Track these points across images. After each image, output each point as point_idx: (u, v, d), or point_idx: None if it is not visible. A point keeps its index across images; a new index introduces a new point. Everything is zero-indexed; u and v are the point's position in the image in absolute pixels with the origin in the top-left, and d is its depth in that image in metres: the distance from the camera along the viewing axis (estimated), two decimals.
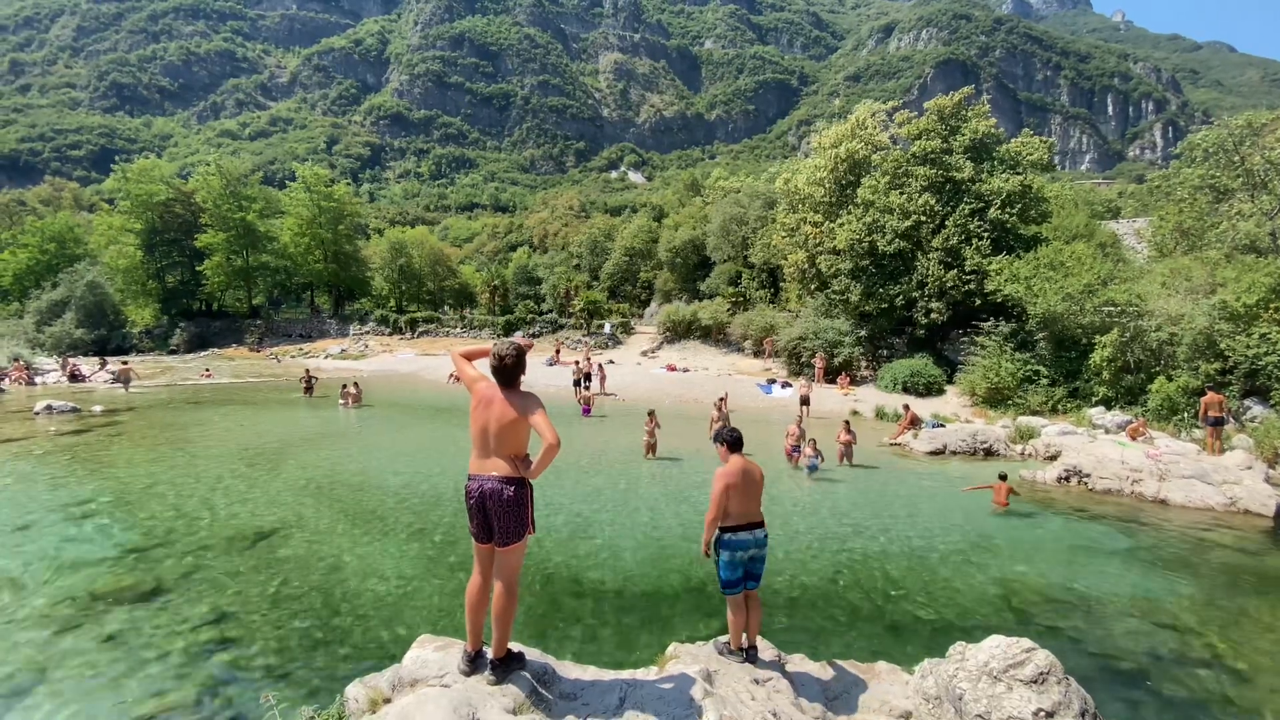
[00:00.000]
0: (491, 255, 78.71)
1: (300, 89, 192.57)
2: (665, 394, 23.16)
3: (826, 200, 28.31)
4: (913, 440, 15.45)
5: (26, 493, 10.49)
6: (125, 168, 47.75)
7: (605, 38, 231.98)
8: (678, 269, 44.69)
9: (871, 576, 7.59)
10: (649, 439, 13.39)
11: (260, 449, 13.95)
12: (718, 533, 4.27)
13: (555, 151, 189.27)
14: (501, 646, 3.34)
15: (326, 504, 9.99)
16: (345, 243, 49.59)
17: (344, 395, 20.64)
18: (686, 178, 68.61)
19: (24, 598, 6.61)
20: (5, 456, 13.05)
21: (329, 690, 4.83)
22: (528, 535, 3.38)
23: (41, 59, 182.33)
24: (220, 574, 7.28)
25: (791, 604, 6.81)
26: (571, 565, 7.66)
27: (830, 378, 24.65)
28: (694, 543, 8.36)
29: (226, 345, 44.22)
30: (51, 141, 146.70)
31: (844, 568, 7.83)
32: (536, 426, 3.28)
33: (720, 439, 4.48)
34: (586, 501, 10.33)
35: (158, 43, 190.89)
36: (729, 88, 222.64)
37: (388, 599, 6.72)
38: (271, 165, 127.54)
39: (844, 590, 7.19)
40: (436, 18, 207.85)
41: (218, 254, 44.89)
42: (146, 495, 10.36)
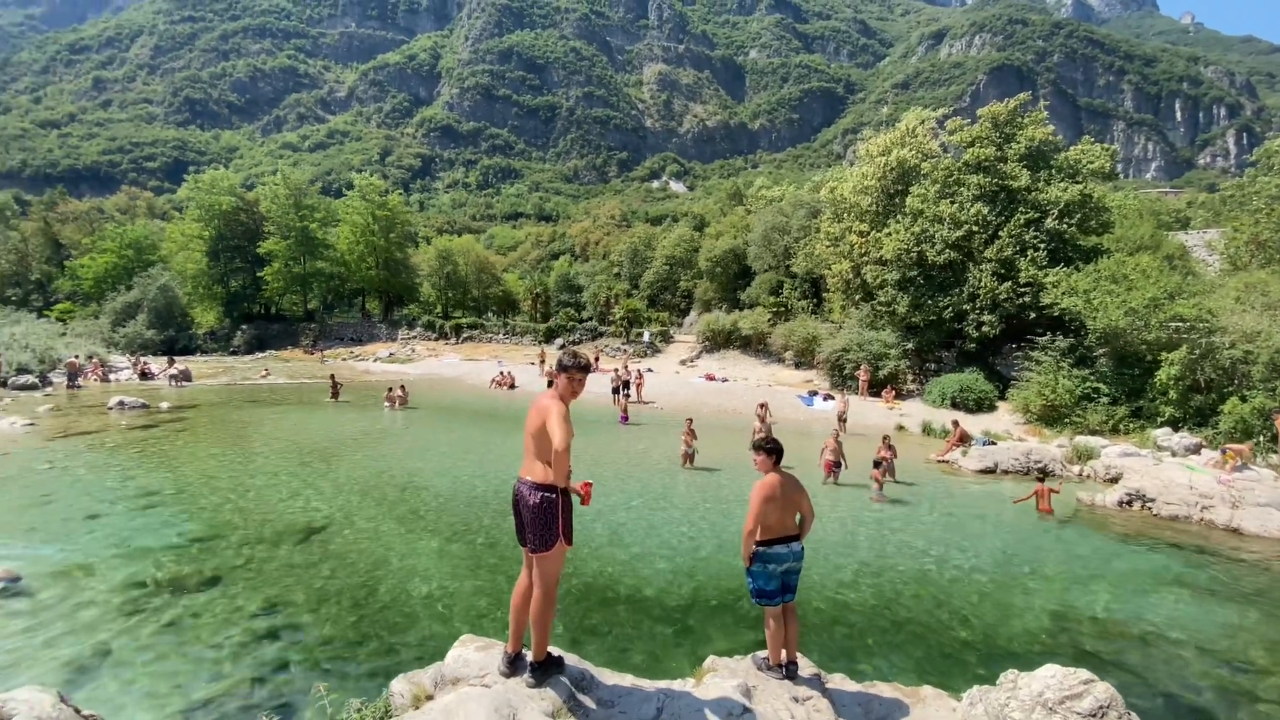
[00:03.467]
0: (534, 264, 79.94)
1: (357, 103, 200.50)
2: (704, 403, 23.02)
3: (873, 209, 27.79)
4: (961, 458, 14.93)
5: (99, 482, 11.15)
6: (196, 178, 50.61)
7: (650, 49, 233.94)
8: (718, 278, 44.49)
9: (915, 597, 7.35)
10: (686, 448, 13.33)
11: (312, 447, 14.48)
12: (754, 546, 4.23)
13: (598, 162, 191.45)
14: (541, 650, 3.37)
15: (373, 502, 10.29)
16: (396, 250, 51.23)
17: (389, 398, 21.25)
18: (729, 187, 68.42)
19: (94, 582, 7.01)
20: (81, 448, 13.92)
21: (374, 683, 4.97)
22: (561, 545, 3.38)
23: (122, 76, 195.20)
24: (273, 566, 7.58)
25: (831, 622, 6.66)
26: (607, 573, 7.67)
27: (875, 391, 24.08)
28: (731, 555, 8.27)
29: (283, 347, 46.13)
30: (129, 153, 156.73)
31: (886, 587, 7.61)
32: (549, 432, 3.26)
33: (761, 447, 4.41)
34: (623, 510, 10.34)
35: (227, 60, 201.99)
36: (773, 97, 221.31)
37: (430, 598, 6.87)
38: (328, 176, 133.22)
39: (886, 610, 6.98)
40: (486, 32, 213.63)
41: (278, 260, 46.97)
42: (207, 488, 10.88)
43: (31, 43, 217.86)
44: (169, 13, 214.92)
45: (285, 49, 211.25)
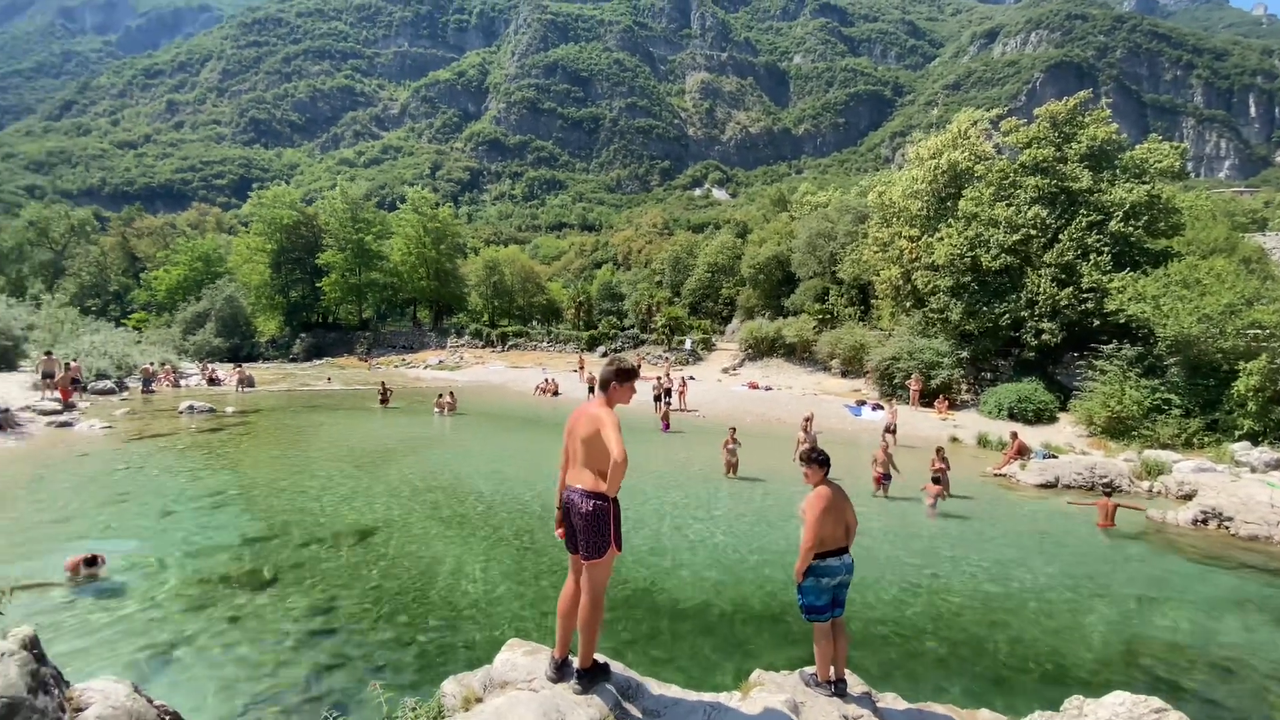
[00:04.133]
0: (577, 272, 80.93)
1: (409, 119, 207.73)
2: (746, 412, 22.78)
3: (924, 213, 27.06)
4: (1020, 471, 14.32)
5: (170, 482, 11.82)
6: (259, 194, 53.36)
7: (693, 58, 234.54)
8: (761, 285, 44.03)
9: (972, 616, 7.07)
10: (729, 457, 13.21)
11: (365, 451, 14.99)
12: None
13: (641, 171, 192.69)
14: (587, 657, 3.39)
15: (423, 506, 10.57)
16: (446, 261, 52.75)
17: (439, 404, 21.82)
18: (772, 193, 67.71)
19: (165, 577, 7.42)
20: (154, 450, 14.78)
21: (423, 682, 5.09)
22: (612, 552, 3.40)
23: (193, 99, 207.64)
24: (329, 566, 7.86)
25: (882, 640, 6.46)
26: (649, 582, 7.66)
27: (926, 401, 23.36)
28: (775, 567, 8.15)
29: (339, 354, 47.98)
30: (199, 172, 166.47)
31: (940, 604, 7.35)
32: (605, 441, 3.29)
33: (811, 459, 4.33)
34: (665, 519, 10.31)
35: (289, 82, 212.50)
36: (818, 101, 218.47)
37: (477, 600, 7.00)
38: (382, 190, 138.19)
39: (941, 628, 6.74)
40: (532, 47, 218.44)
41: (335, 271, 48.98)
42: (268, 490, 11.39)
43: (109, 68, 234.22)
44: (236, 38, 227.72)
45: (343, 69, 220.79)
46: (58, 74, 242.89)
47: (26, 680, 2.35)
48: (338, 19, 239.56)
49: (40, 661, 2.57)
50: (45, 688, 2.46)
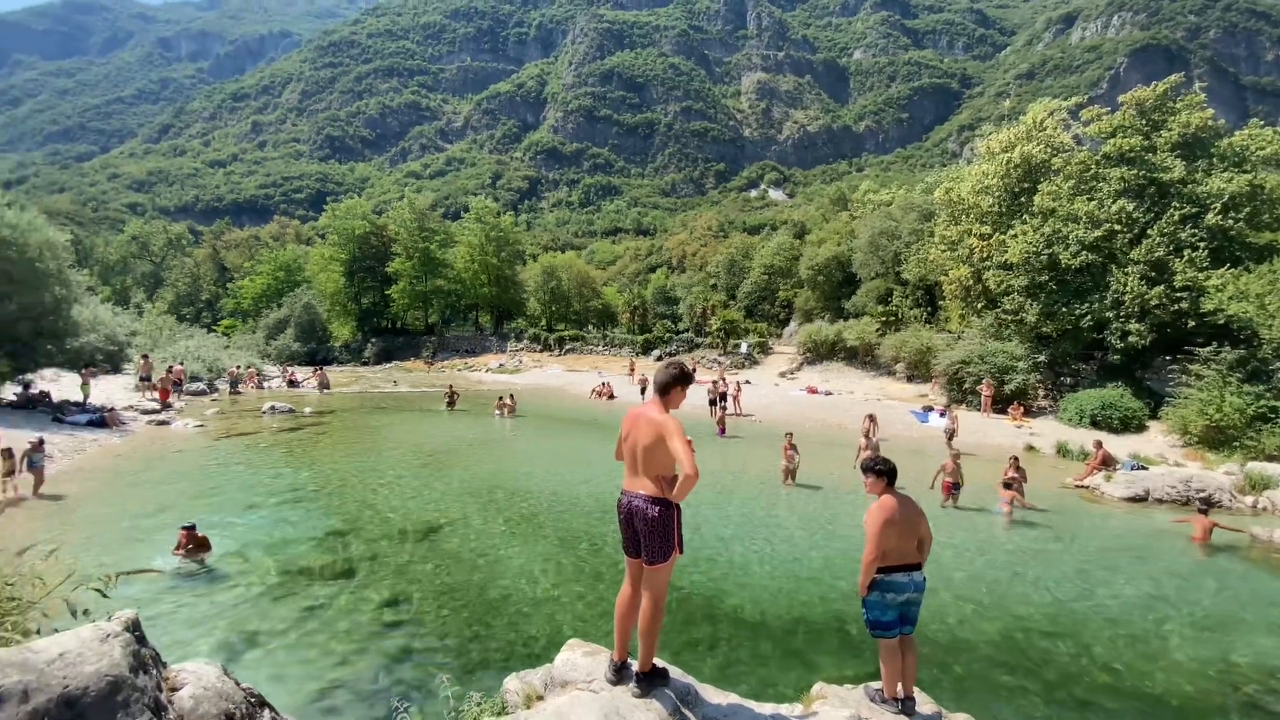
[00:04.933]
0: (632, 277, 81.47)
1: (471, 131, 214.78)
2: (805, 417, 22.27)
3: (995, 210, 25.78)
4: (1104, 483, 13.38)
5: (255, 478, 12.61)
6: (334, 207, 56.46)
7: (748, 59, 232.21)
8: (820, 287, 43.04)
9: (1050, 636, 6.65)
10: (787, 464, 12.93)
11: (431, 451, 15.54)
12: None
13: (695, 174, 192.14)
14: (647, 661, 3.39)
15: (485, 505, 10.86)
16: (506, 268, 54.28)
17: (500, 406, 22.40)
18: (832, 192, 66.22)
19: (250, 568, 7.91)
20: (240, 447, 15.81)
21: (485, 677, 5.22)
22: (674, 555, 3.39)
23: (275, 119, 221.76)
24: (397, 562, 8.19)
25: (952, 658, 6.16)
26: (707, 588, 7.59)
27: (999, 407, 22.19)
28: (837, 578, 7.92)
29: (406, 358, 50.04)
30: (280, 187, 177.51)
31: (1015, 622, 6.95)
32: (675, 454, 3.27)
33: (870, 468, 4.17)
34: (722, 525, 10.19)
35: (361, 100, 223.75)
36: (879, 97, 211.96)
37: (536, 599, 7.12)
38: (446, 200, 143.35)
39: (1019, 649, 6.37)
40: (589, 56, 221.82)
41: (403, 279, 51.20)
42: (342, 486, 11.98)
43: (202, 93, 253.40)
44: (313, 60, 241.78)
45: (410, 86, 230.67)
46: (156, 100, 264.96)
47: (129, 660, 2.53)
48: (405, 38, 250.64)
49: (141, 643, 2.77)
50: (145, 668, 2.64)
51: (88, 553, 7.87)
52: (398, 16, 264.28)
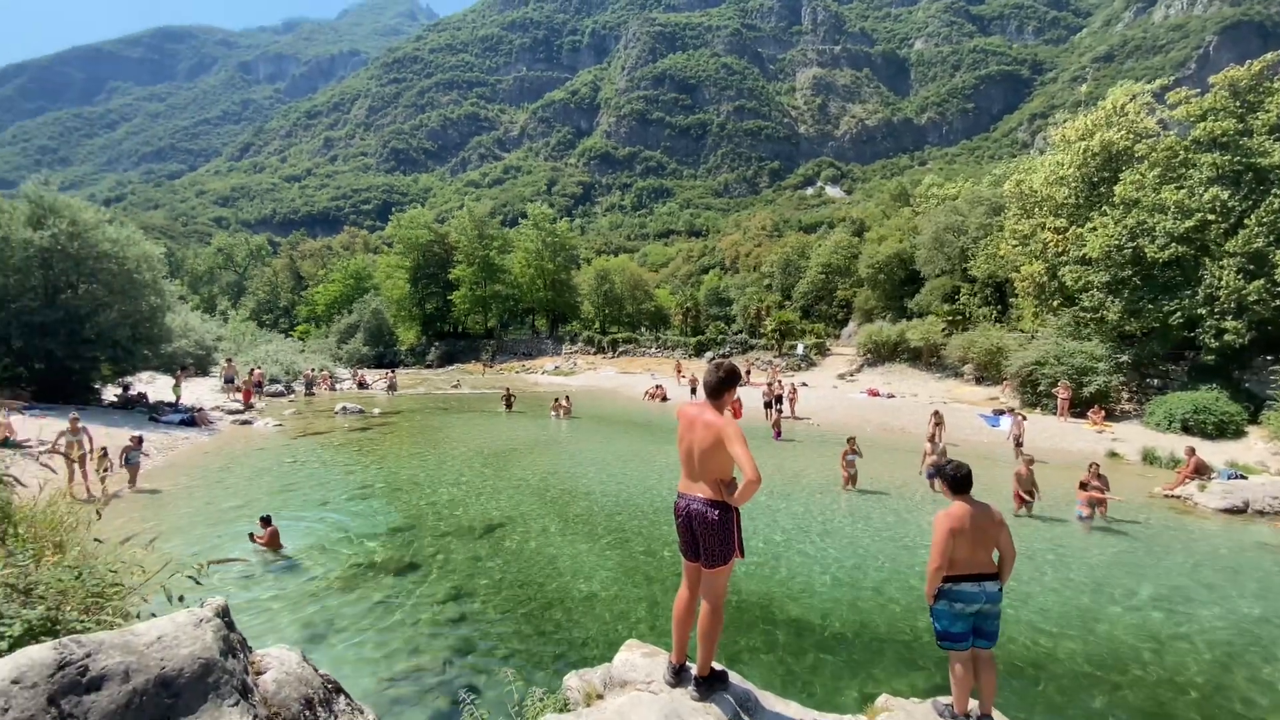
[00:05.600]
0: (685, 279, 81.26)
1: (527, 139, 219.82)
2: (866, 421, 21.61)
3: (1072, 201, 24.33)
4: (1198, 493, 12.38)
5: (328, 475, 13.28)
6: (398, 217, 58.90)
7: (803, 55, 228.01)
8: (880, 285, 41.69)
9: (1140, 659, 6.20)
10: (848, 469, 12.58)
11: (491, 451, 15.96)
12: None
13: (749, 174, 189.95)
14: (706, 665, 3.36)
15: (543, 505, 11.06)
16: (561, 272, 55.31)
17: (555, 407, 22.78)
18: (893, 188, 64.09)
19: (325, 561, 8.33)
20: (315, 446, 16.68)
21: (544, 674, 5.31)
22: (734, 559, 3.35)
23: (344, 134, 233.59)
24: (459, 558, 8.44)
25: (1033, 679, 5.83)
26: (764, 594, 7.47)
27: (1077, 411, 20.89)
28: (901, 587, 7.64)
29: (467, 361, 51.64)
30: (350, 199, 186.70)
31: (1099, 639, 6.51)
32: (736, 459, 3.21)
33: (940, 471, 4.01)
34: (780, 530, 10.02)
35: (424, 113, 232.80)
36: (943, 87, 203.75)
37: (592, 598, 7.19)
38: (504, 208, 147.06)
39: (1102, 672, 5.96)
40: (641, 60, 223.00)
41: (464, 285, 52.95)
42: (408, 484, 12.46)
43: (278, 112, 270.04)
44: (379, 77, 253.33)
45: (469, 98, 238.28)
46: (238, 120, 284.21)
47: (219, 644, 2.70)
48: (465, 51, 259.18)
49: (230, 628, 2.95)
50: (234, 652, 2.82)
51: (180, 543, 8.48)
52: (457, 31, 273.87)
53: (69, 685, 2.17)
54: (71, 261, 17.84)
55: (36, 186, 18.59)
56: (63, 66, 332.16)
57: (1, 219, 17.35)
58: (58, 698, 2.12)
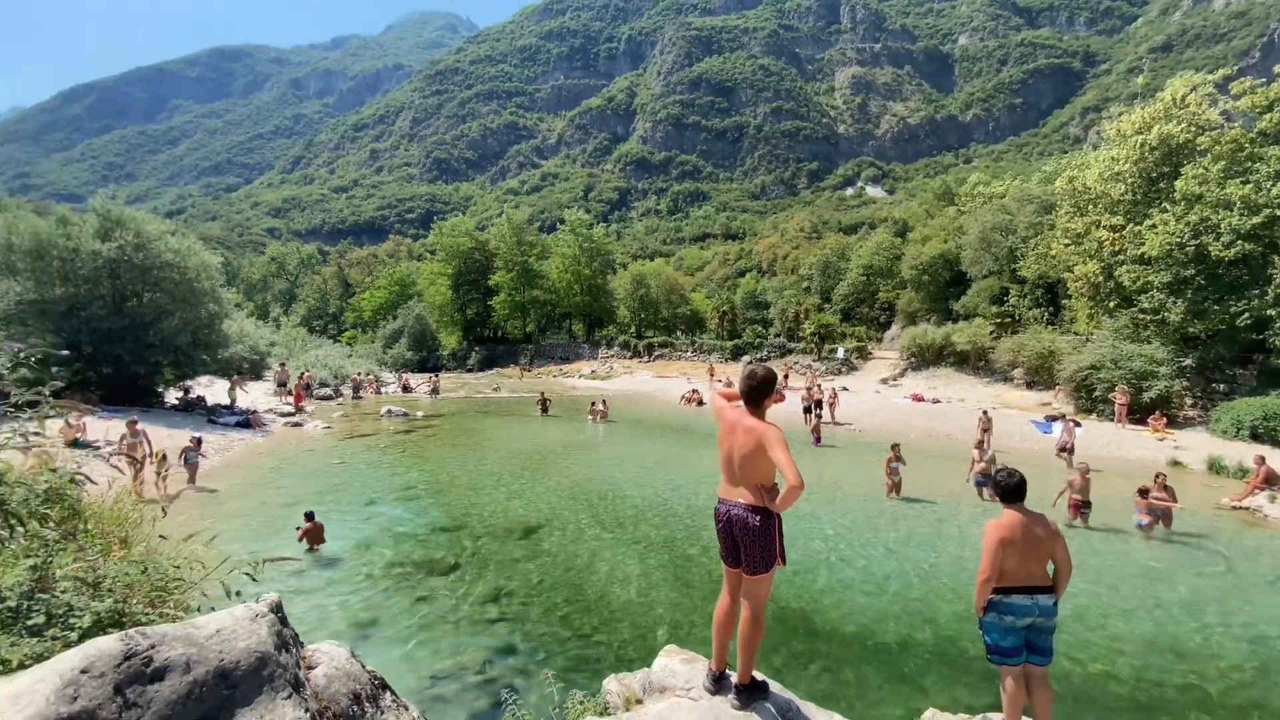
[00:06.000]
0: (721, 282, 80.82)
1: (564, 147, 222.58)
2: (910, 427, 21.05)
3: (1128, 198, 23.25)
4: (1269, 504, 11.64)
5: (374, 475, 13.66)
6: (440, 225, 60.39)
7: (842, 54, 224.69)
8: (924, 287, 40.62)
9: (1206, 682, 5.84)
10: (891, 476, 12.26)
11: (529, 454, 16.15)
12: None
13: (786, 175, 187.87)
14: (746, 673, 3.32)
15: (580, 508, 11.12)
16: (598, 277, 55.85)
17: (592, 411, 22.91)
18: (936, 186, 62.48)
19: (370, 559, 8.56)
20: (361, 447, 17.18)
21: (581, 676, 5.32)
22: (775, 566, 3.30)
23: (389, 146, 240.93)
24: (499, 559, 8.56)
25: (1088, 700, 5.57)
26: (804, 603, 7.33)
27: (1136, 417, 19.91)
28: (948, 598, 7.40)
29: (506, 365, 52.51)
30: (395, 208, 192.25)
31: (1159, 660, 6.17)
32: (778, 465, 3.16)
33: (991, 481, 3.91)
34: (820, 538, 9.83)
35: (465, 124, 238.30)
36: (988, 83, 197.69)
37: (630, 602, 7.19)
38: (542, 214, 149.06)
39: (1163, 694, 5.65)
40: (677, 65, 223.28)
41: (503, 291, 53.95)
42: (450, 485, 12.71)
43: (327, 126, 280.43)
44: (422, 89, 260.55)
45: (508, 107, 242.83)
46: (290, 134, 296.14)
47: (274, 639, 2.80)
48: (504, 61, 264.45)
49: (284, 623, 3.05)
50: (287, 646, 2.91)
51: (235, 540, 8.83)
52: (496, 42, 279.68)
53: (134, 675, 2.27)
54: (137, 271, 18.86)
55: (104, 201, 19.73)
56: (127, 87, 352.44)
57: (72, 232, 18.46)
58: (123, 687, 2.22)
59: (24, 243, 17.84)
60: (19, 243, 17.85)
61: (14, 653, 2.43)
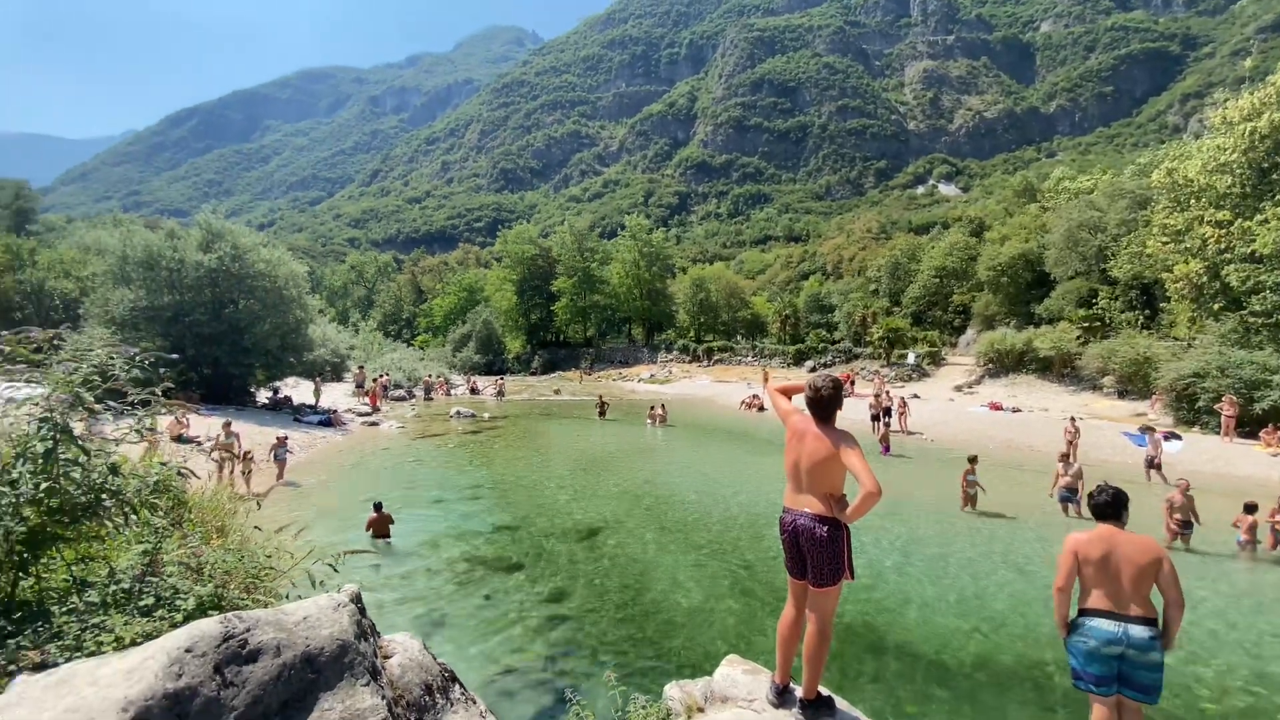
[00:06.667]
0: (783, 285, 79.25)
1: (625, 154, 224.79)
2: (987, 437, 19.96)
3: (1236, 191, 21.27)
4: None
5: (443, 474, 14.19)
6: (505, 233, 62.29)
7: (913, 47, 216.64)
8: (1003, 289, 38.47)
9: None
10: (967, 489, 11.65)
11: (590, 457, 16.37)
12: (1075, 614, 3.56)
13: (852, 175, 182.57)
14: (812, 688, 3.24)
15: (640, 512, 11.17)
16: (657, 282, 56.10)
17: (651, 415, 22.96)
18: (1015, 183, 59.20)
19: (440, 555, 8.89)
20: (432, 447, 17.89)
21: (640, 680, 5.33)
22: (844, 579, 3.21)
23: (459, 158, 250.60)
24: (560, 559, 8.71)
25: None
26: (871, 619, 7.07)
27: (1246, 430, 18.12)
28: (1032, 622, 6.97)
29: (567, 369, 53.48)
30: (464, 217, 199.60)
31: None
32: (853, 470, 3.08)
33: (1091, 494, 3.71)
34: (889, 551, 9.46)
35: (530, 134, 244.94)
36: (1074, 71, 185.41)
37: (689, 610, 7.14)
38: (603, 220, 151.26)
39: None
40: (740, 67, 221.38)
41: (565, 296, 55.06)
42: (514, 485, 13.05)
43: (402, 140, 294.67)
44: (489, 102, 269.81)
45: (571, 116, 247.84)
46: (368, 149, 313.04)
47: (354, 628, 2.95)
48: (567, 71, 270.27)
49: (362, 614, 3.22)
50: (366, 635, 3.07)
51: (317, 533, 9.36)
52: (560, 53, 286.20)
53: (231, 656, 2.45)
54: (233, 280, 20.41)
55: (209, 216, 21.47)
56: (225, 109, 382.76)
57: (179, 244, 20.17)
58: (222, 666, 2.40)
59: (137, 254, 19.64)
60: (133, 254, 19.68)
61: (127, 631, 2.68)
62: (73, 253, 37.94)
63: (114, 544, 3.34)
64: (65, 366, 3.20)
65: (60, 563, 3.02)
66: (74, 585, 2.96)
